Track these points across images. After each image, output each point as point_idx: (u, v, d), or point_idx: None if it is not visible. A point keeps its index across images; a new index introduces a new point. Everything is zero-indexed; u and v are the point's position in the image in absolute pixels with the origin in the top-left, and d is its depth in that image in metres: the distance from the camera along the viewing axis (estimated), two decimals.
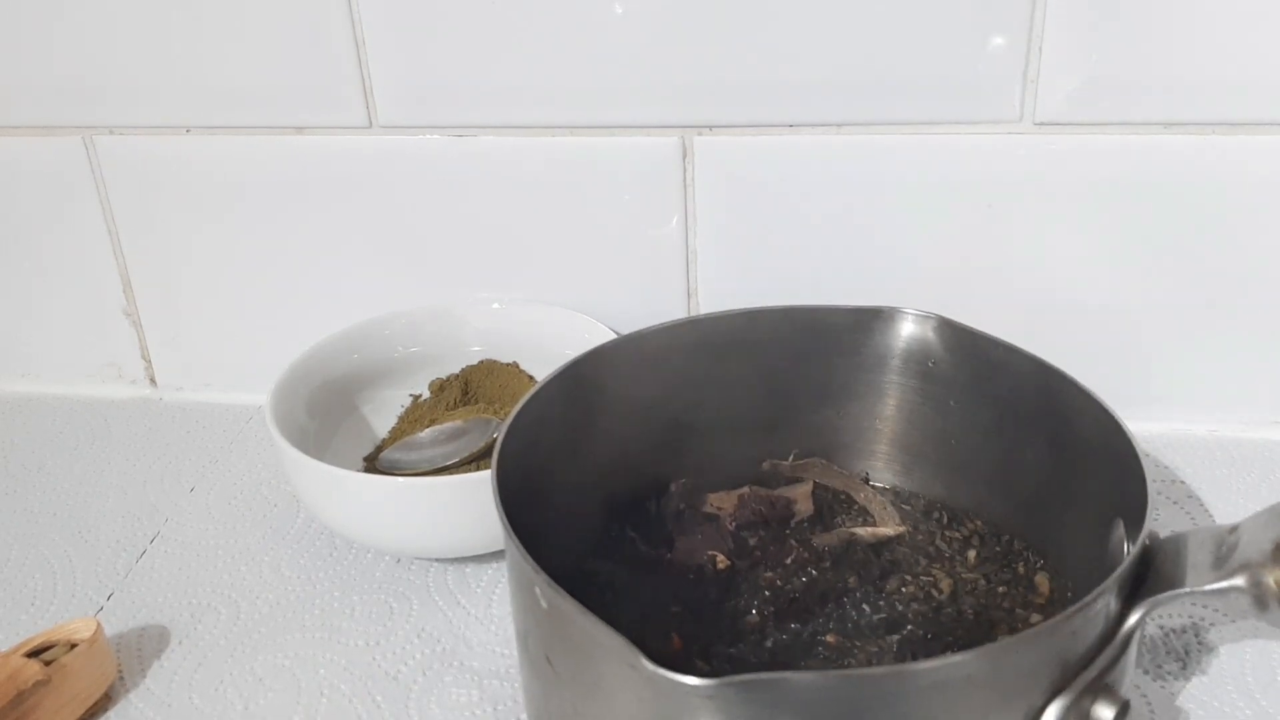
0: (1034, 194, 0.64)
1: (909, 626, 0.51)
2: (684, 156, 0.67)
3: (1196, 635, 0.53)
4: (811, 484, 0.60)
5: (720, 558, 0.55)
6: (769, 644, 0.50)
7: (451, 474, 0.60)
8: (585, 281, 0.71)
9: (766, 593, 0.53)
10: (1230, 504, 0.62)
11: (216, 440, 0.75)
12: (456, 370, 0.71)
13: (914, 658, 0.49)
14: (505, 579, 0.60)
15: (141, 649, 0.57)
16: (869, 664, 0.49)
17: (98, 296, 0.78)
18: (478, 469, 0.62)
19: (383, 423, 0.70)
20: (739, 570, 0.54)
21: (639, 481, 0.58)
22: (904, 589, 0.53)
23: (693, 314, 0.70)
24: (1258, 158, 0.61)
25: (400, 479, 0.59)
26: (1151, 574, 0.42)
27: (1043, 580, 0.53)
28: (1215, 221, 0.63)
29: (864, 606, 0.52)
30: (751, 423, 0.59)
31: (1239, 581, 0.40)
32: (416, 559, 0.62)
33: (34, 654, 0.52)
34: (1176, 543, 0.43)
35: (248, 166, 0.72)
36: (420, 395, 0.71)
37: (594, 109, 0.66)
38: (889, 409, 0.59)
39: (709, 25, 0.63)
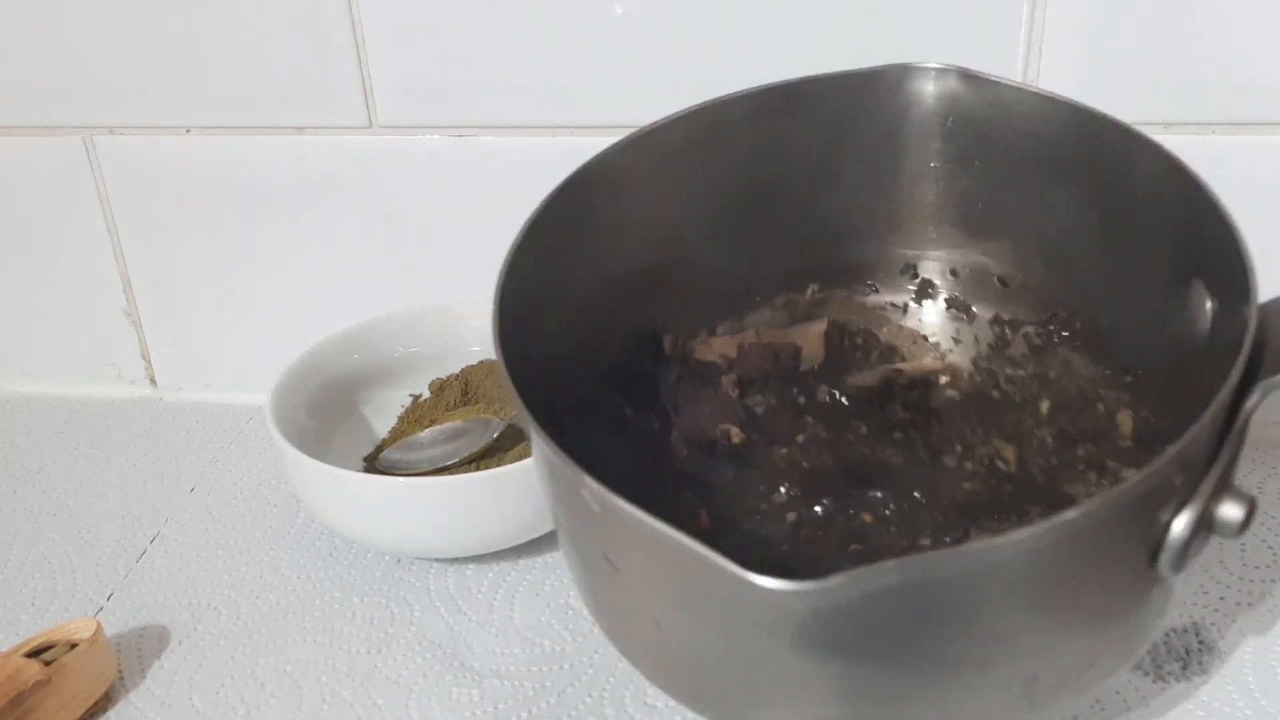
0: None
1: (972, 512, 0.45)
2: None
3: (1197, 635, 0.53)
4: (825, 323, 0.52)
5: (734, 431, 0.49)
6: (793, 521, 0.46)
7: (451, 474, 0.60)
8: None
9: (790, 471, 0.48)
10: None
11: (216, 440, 0.75)
12: (456, 370, 0.71)
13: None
14: (507, 582, 0.60)
15: (141, 649, 0.57)
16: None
17: (98, 296, 0.78)
18: (478, 469, 0.62)
19: (383, 423, 0.70)
20: (755, 444, 0.49)
21: (635, 328, 0.52)
22: (966, 464, 0.47)
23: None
24: (1258, 158, 0.61)
25: (400, 479, 0.59)
26: (1266, 350, 0.37)
27: (1125, 419, 0.48)
28: None
29: (915, 493, 0.46)
30: (754, 229, 0.53)
31: None
32: (417, 559, 0.62)
33: (34, 654, 0.52)
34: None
35: (248, 166, 0.71)
36: (420, 395, 0.71)
37: (594, 109, 0.66)
38: (905, 179, 0.52)
39: (709, 25, 0.63)
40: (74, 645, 0.53)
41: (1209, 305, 0.40)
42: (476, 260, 0.73)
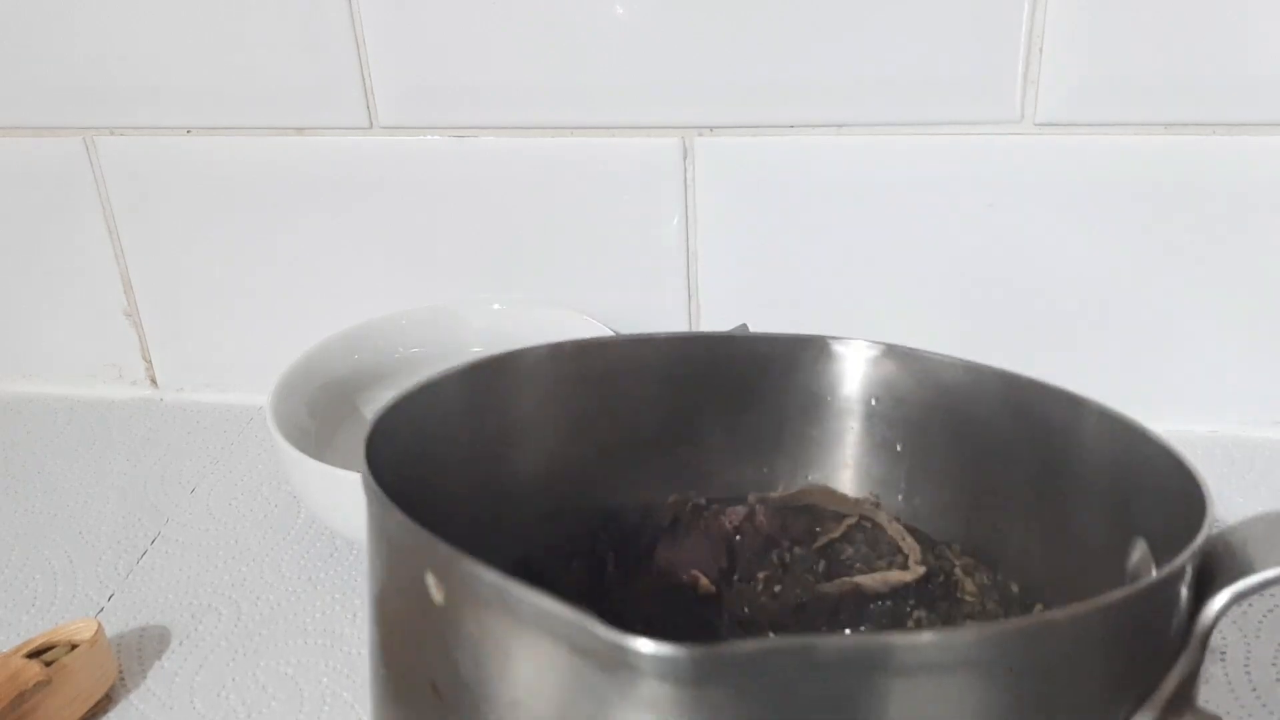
0: (1034, 194, 0.64)
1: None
2: (684, 157, 0.67)
3: None
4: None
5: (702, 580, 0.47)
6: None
7: None
8: (585, 282, 0.71)
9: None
10: (1229, 504, 0.62)
11: (217, 441, 0.75)
12: None
13: None
14: None
15: (142, 650, 0.57)
16: None
17: (98, 296, 0.78)
18: None
19: None
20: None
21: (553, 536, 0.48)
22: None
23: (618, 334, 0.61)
24: (1258, 158, 0.61)
25: None
26: (1226, 562, 0.34)
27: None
28: (1215, 222, 0.63)
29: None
30: (664, 474, 0.49)
31: None
32: None
33: (34, 655, 0.52)
34: (1252, 527, 0.35)
35: (248, 167, 0.72)
36: None
37: (594, 109, 0.66)
38: (829, 460, 0.50)
39: (709, 25, 0.63)
40: (74, 646, 0.53)
41: (1154, 570, 0.38)
42: (477, 261, 0.73)
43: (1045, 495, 0.44)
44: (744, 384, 0.49)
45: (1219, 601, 0.33)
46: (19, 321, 0.80)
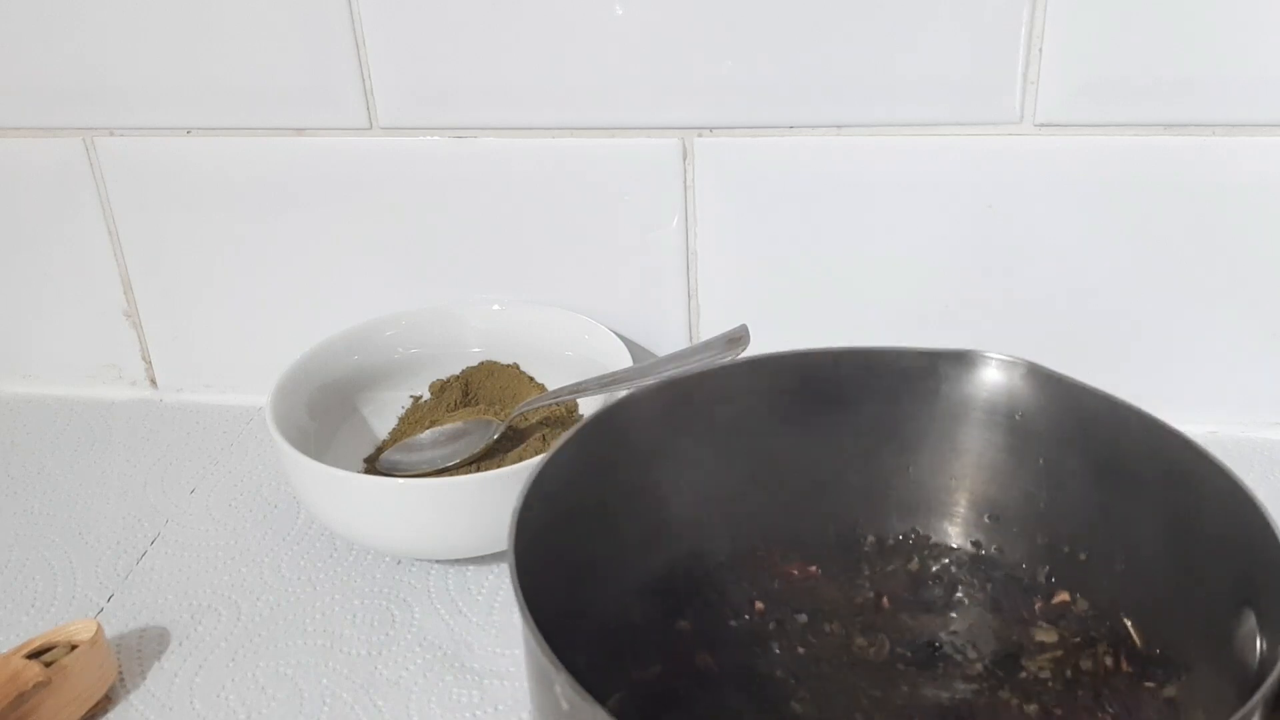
0: (1034, 194, 0.64)
1: None
2: (684, 157, 0.67)
3: None
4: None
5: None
6: None
7: (452, 475, 0.60)
8: (586, 282, 0.71)
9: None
10: None
11: (217, 441, 0.74)
12: (457, 371, 0.71)
13: None
14: (507, 583, 0.60)
15: (142, 650, 0.57)
16: None
17: (98, 297, 0.78)
18: (478, 470, 0.62)
19: (383, 424, 0.70)
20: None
21: (679, 560, 0.51)
22: None
23: (745, 355, 0.59)
24: (1258, 158, 0.61)
25: (400, 480, 0.59)
26: None
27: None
28: (1215, 222, 0.63)
29: None
30: (807, 483, 0.52)
31: None
32: (417, 560, 0.62)
33: (34, 655, 0.52)
34: None
35: (248, 167, 0.71)
36: (420, 396, 0.71)
37: (594, 109, 0.66)
38: (968, 465, 0.52)
39: (709, 25, 0.63)
40: (74, 646, 0.53)
41: (1259, 642, 0.38)
42: (477, 261, 0.73)
43: (1173, 542, 0.45)
44: (890, 392, 0.51)
45: None
46: (19, 322, 0.80)
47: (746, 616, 0.50)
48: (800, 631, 0.50)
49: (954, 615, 0.50)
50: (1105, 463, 0.48)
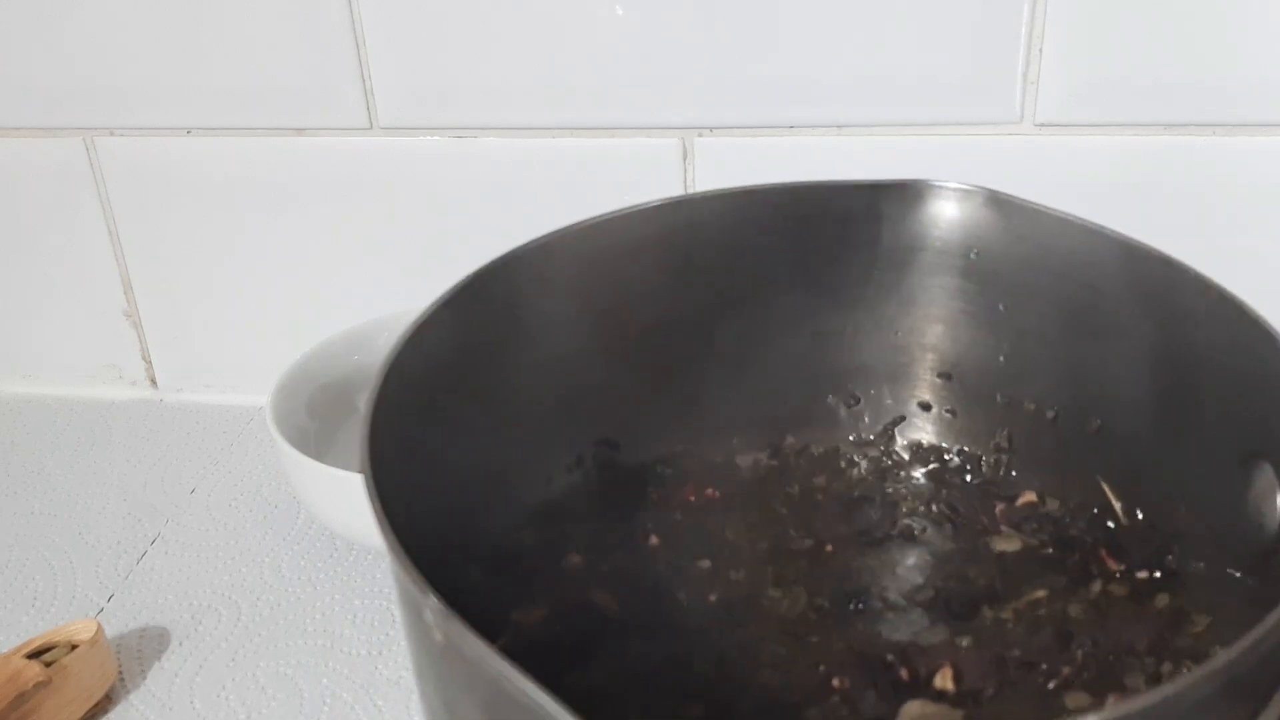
0: (1034, 194, 0.64)
1: None
2: (684, 158, 0.67)
3: None
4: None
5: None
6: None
7: None
8: None
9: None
10: None
11: (217, 441, 0.74)
12: None
13: None
14: None
15: (142, 650, 0.57)
16: None
17: (98, 297, 0.78)
18: None
19: None
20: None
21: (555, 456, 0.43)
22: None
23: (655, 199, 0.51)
24: (1258, 158, 0.61)
25: None
26: None
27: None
28: (1215, 222, 0.63)
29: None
30: (736, 356, 0.44)
31: None
32: None
33: (34, 655, 0.52)
34: None
35: (248, 167, 0.71)
36: None
37: (594, 109, 0.66)
38: (916, 318, 0.44)
39: (709, 25, 0.63)
40: (74, 646, 0.53)
41: (1278, 500, 0.33)
42: (477, 261, 0.73)
43: (1164, 388, 0.38)
44: (822, 237, 0.42)
45: None
46: (19, 322, 0.80)
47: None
48: (707, 578, 0.42)
49: (898, 555, 0.42)
50: (1078, 303, 0.40)
